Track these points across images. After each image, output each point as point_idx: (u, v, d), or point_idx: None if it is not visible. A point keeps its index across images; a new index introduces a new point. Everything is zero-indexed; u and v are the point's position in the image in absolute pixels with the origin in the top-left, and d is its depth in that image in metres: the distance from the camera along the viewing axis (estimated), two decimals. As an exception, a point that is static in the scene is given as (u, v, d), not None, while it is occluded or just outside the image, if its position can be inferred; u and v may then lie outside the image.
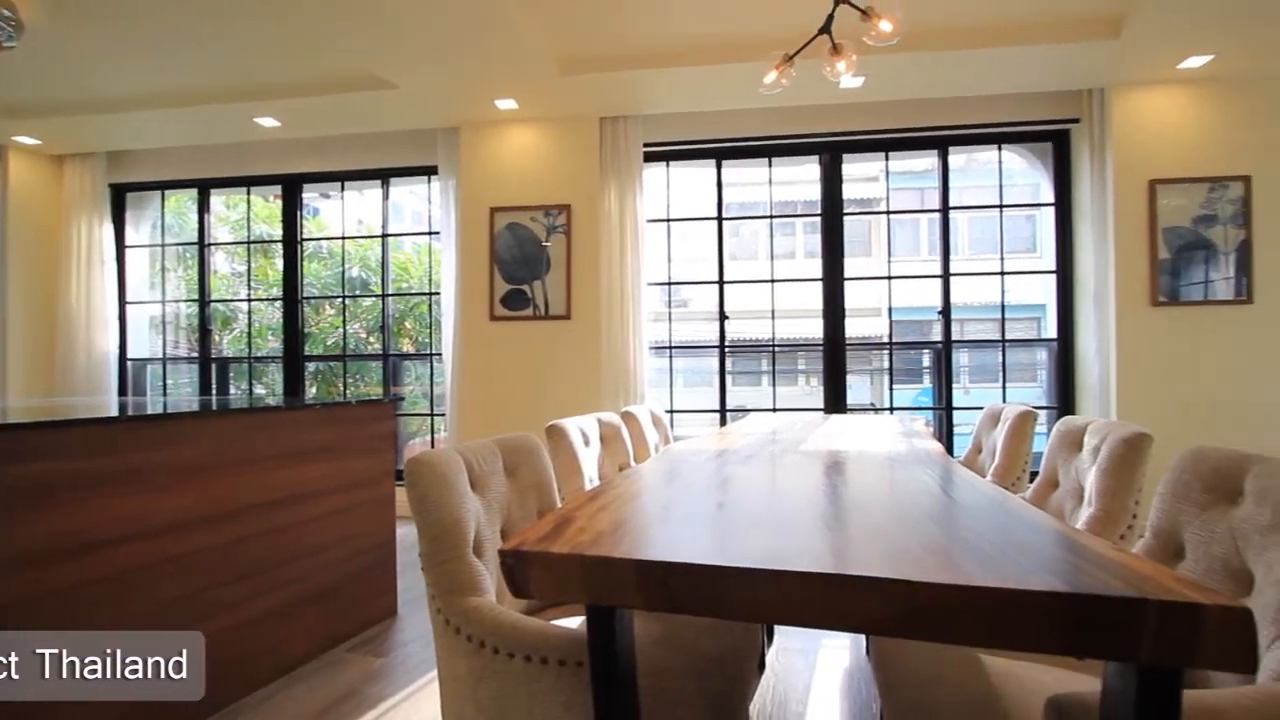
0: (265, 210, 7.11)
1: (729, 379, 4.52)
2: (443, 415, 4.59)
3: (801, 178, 4.80)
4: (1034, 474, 2.11)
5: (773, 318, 4.45)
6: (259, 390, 5.96)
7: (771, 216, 4.57)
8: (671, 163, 4.45)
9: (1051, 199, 4.17)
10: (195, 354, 5.20)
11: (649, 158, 4.32)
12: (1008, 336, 4.28)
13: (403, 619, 2.64)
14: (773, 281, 4.44)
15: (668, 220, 4.49)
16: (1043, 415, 3.92)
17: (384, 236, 4.98)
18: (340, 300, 6.00)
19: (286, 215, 4.94)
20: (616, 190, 4.20)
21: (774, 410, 4.34)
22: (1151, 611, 0.61)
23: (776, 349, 4.55)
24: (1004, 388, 4.30)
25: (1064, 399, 4.12)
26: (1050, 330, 4.21)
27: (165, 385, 5.33)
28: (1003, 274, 4.25)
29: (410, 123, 4.40)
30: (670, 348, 4.48)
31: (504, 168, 4.30)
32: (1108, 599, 0.62)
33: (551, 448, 1.87)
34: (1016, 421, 2.25)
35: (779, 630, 2.48)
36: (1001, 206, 4.29)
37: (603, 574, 0.69)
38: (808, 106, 4.12)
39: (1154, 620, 0.61)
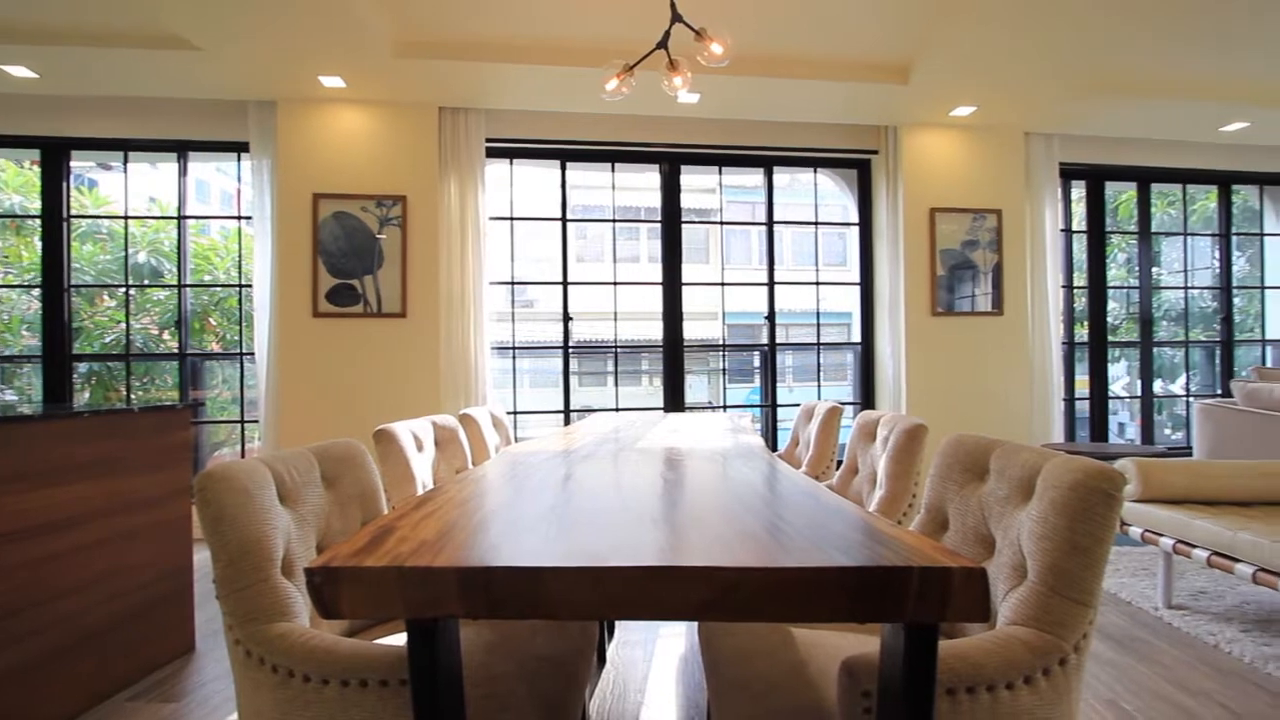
0: (18, 178, 5.86)
1: (574, 380, 4.54)
2: (256, 422, 4.10)
3: (644, 185, 4.97)
4: (840, 462, 2.38)
5: (615, 320, 4.56)
6: (7, 396, 4.91)
7: (615, 221, 4.67)
8: (515, 160, 4.38)
9: (857, 219, 4.72)
10: (-91, 352, 4.15)
11: (492, 153, 4.21)
12: (822, 340, 4.79)
13: (201, 655, 2.32)
14: (615, 284, 4.54)
15: (511, 219, 4.41)
16: (850, 410, 4.44)
17: (181, 218, 4.33)
18: (123, 290, 5.11)
19: (48, 186, 4.11)
20: (457, 184, 4.04)
21: (617, 410, 4.45)
22: (914, 577, 0.72)
23: (620, 350, 4.66)
24: (819, 386, 4.79)
25: (866, 395, 4.68)
26: (856, 335, 4.76)
27: None
28: (818, 284, 4.74)
29: (215, 91, 3.88)
30: (514, 348, 4.41)
31: (330, 151, 3.94)
32: (881, 569, 0.72)
33: (380, 454, 1.76)
34: (826, 417, 2.52)
35: (619, 624, 2.55)
36: (817, 224, 4.78)
37: (422, 585, 0.66)
38: (649, 117, 4.28)
39: (916, 584, 0.72)
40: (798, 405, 3.21)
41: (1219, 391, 5.18)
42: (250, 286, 4.06)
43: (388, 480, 1.76)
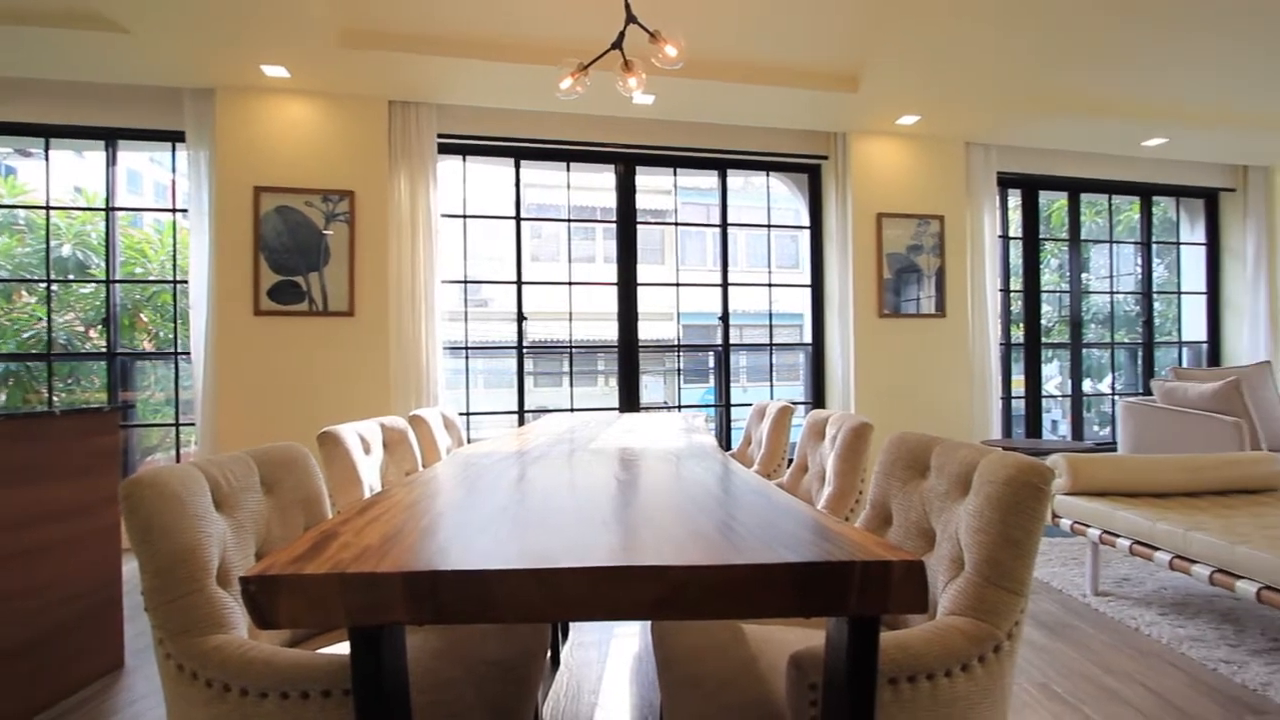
0: (-78, 164, 5.43)
1: (530, 380, 4.50)
2: (192, 425, 3.92)
3: (599, 185, 4.96)
4: (792, 460, 2.42)
5: (570, 320, 4.54)
6: (-91, 399, 4.54)
7: (569, 220, 4.65)
8: (469, 157, 4.31)
9: (808, 222, 4.83)
10: None
11: (444, 149, 4.14)
12: (775, 341, 4.88)
13: (131, 672, 2.20)
14: (570, 284, 4.52)
15: (464, 216, 4.34)
16: (802, 409, 4.54)
17: (109, 209, 4.09)
18: (44, 285, 4.79)
19: (-44, 173, 3.83)
20: (408, 180, 3.95)
21: (572, 410, 4.43)
22: (857, 571, 0.74)
23: (575, 350, 4.64)
24: (771, 386, 4.88)
25: (817, 394, 4.79)
26: (808, 336, 4.87)
27: None
28: (770, 286, 4.82)
29: (148, 77, 3.69)
30: (467, 348, 4.34)
31: (273, 143, 3.80)
32: (826, 565, 0.74)
33: (325, 457, 1.70)
34: (777, 416, 2.57)
35: (574, 625, 2.54)
36: (769, 226, 4.87)
37: (365, 591, 0.64)
38: (605, 117, 4.28)
39: (859, 578, 0.74)
40: (751, 405, 3.26)
41: (1141, 390, 5.51)
42: (186, 282, 3.88)
43: (333, 484, 1.71)
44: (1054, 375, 5.75)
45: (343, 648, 1.06)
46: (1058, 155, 5.04)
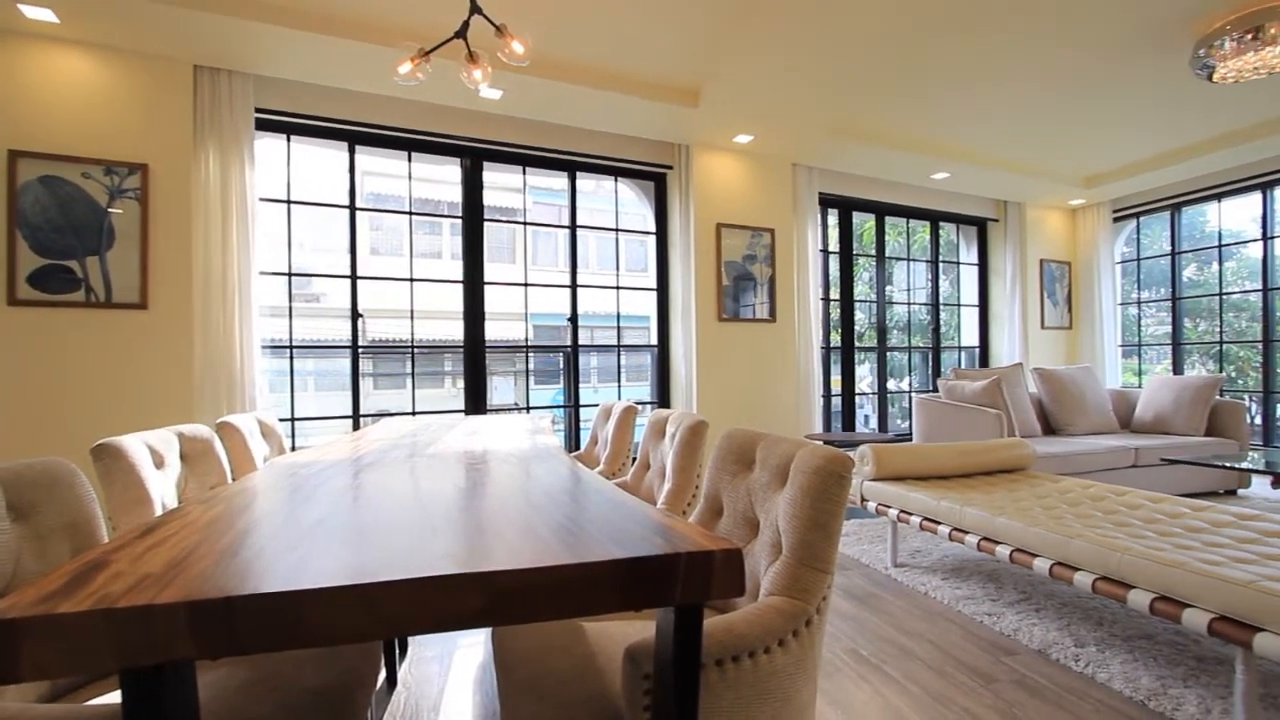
0: None
1: (369, 382, 4.20)
2: (-88, 440, 3.14)
3: (444, 178, 4.75)
4: (636, 458, 2.50)
5: (412, 318, 4.30)
6: None
7: (411, 213, 4.40)
8: (294, 137, 3.91)
9: (654, 229, 5.01)
10: None
11: (263, 126, 3.72)
12: (623, 343, 4.99)
13: None
14: (412, 280, 4.28)
15: (288, 201, 3.93)
16: (648, 409, 4.69)
17: None
18: None
19: None
20: (218, 156, 3.50)
21: (414, 414, 4.20)
22: (682, 562, 0.78)
23: (416, 350, 4.40)
24: (619, 387, 4.99)
25: (663, 395, 4.99)
26: (654, 338, 5.05)
27: None
28: (618, 289, 4.93)
29: None
30: (291, 347, 3.93)
31: (36, 100, 3.17)
32: (654, 558, 0.77)
33: (102, 473, 1.46)
34: (621, 416, 2.63)
35: (413, 640, 2.41)
36: (618, 230, 4.98)
37: (139, 627, 0.56)
38: (450, 108, 4.11)
39: (684, 569, 0.78)
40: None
41: (931, 388, 6.41)
42: (-96, 263, 3.11)
43: (114, 505, 1.47)
44: (865, 375, 6.50)
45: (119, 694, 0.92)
46: (868, 181, 5.71)
